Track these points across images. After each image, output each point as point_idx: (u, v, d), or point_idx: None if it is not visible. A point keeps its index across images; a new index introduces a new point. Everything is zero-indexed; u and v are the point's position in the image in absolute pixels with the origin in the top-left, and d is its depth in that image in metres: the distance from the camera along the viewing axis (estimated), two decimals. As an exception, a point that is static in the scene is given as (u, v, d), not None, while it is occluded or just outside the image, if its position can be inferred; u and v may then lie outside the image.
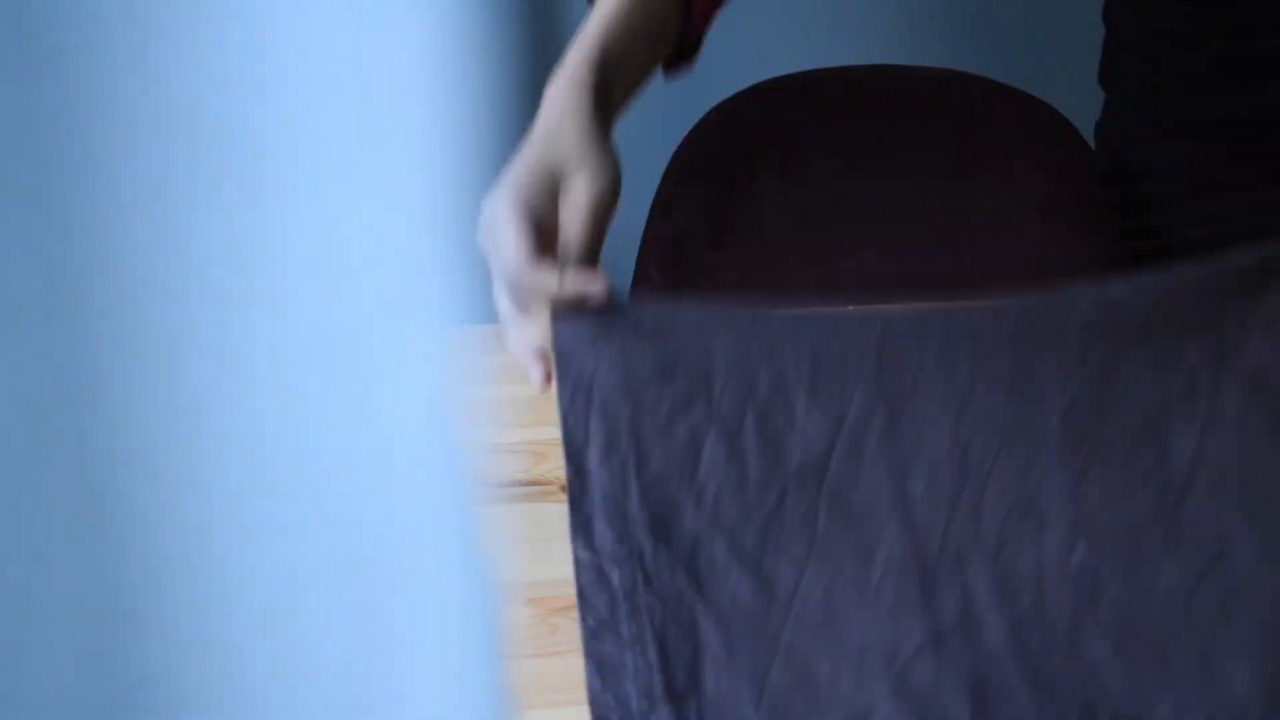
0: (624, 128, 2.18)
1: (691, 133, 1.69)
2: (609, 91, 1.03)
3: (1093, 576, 0.82)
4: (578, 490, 0.87)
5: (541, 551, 1.02)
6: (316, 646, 0.37)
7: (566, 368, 0.89)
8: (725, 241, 1.64)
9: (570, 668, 0.92)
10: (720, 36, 2.23)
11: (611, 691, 0.85)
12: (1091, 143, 1.69)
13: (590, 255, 0.93)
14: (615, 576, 0.86)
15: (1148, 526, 0.82)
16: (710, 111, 1.70)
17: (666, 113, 2.13)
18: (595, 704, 0.85)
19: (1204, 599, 0.80)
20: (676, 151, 1.68)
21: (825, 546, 0.84)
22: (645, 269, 1.62)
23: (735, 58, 2.16)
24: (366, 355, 0.35)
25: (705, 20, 1.14)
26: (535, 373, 0.93)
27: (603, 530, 0.87)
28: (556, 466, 1.10)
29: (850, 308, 1.02)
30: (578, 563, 0.87)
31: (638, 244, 1.64)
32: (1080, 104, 1.85)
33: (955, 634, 0.82)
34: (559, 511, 1.06)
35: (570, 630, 0.95)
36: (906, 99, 1.75)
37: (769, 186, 1.68)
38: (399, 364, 0.36)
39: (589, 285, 0.87)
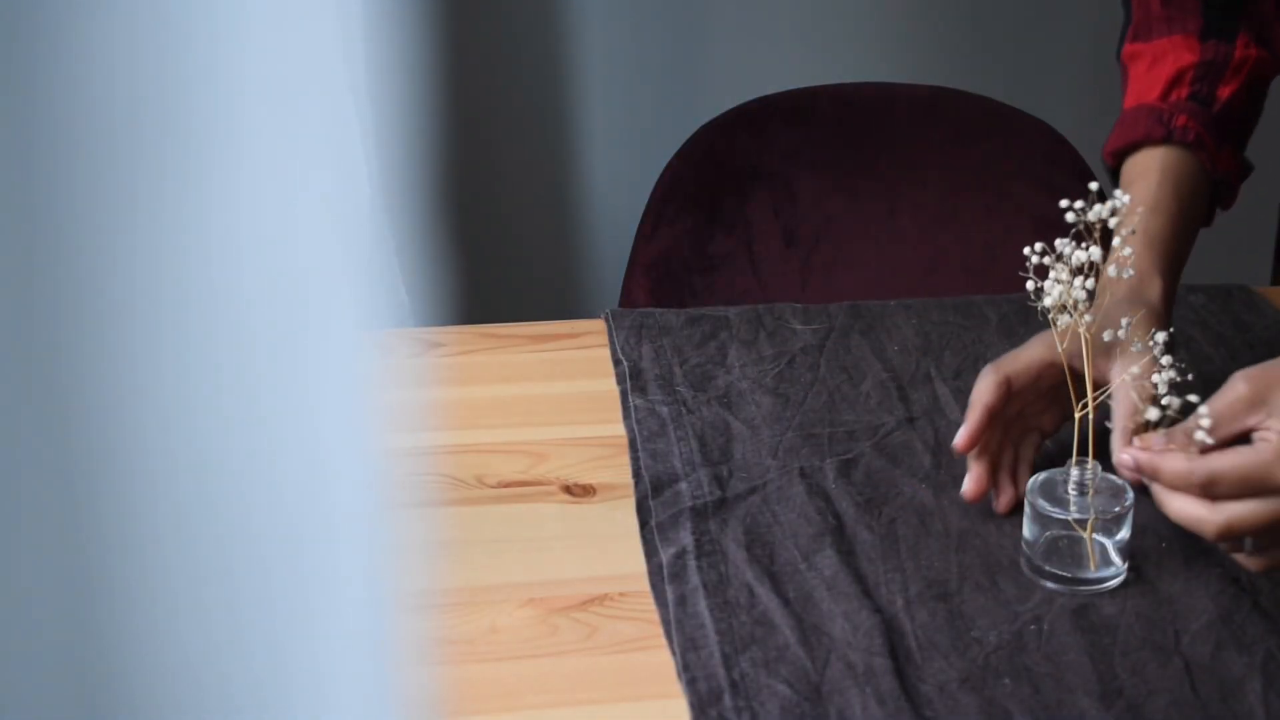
0: (610, 147, 2.20)
1: (679, 153, 1.67)
2: (1172, 274, 1.12)
3: None
4: (634, 375, 1.20)
5: (541, 551, 1.02)
6: (232, 653, 0.36)
7: (619, 320, 1.28)
8: (714, 265, 1.62)
9: (570, 668, 0.92)
10: (708, 54, 2.23)
11: (661, 464, 1.10)
12: (1090, 161, 1.68)
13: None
14: (664, 411, 1.16)
15: None
16: (698, 131, 1.68)
17: (654, 132, 2.14)
18: (648, 471, 1.09)
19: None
20: (664, 172, 1.66)
21: (825, 379, 1.21)
22: (631, 292, 1.60)
23: (723, 75, 2.16)
24: (291, 358, 0.35)
25: (1225, 165, 1.17)
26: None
27: (654, 390, 1.19)
28: (557, 466, 1.10)
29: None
30: (635, 409, 1.16)
31: (624, 266, 1.62)
32: (1076, 122, 1.85)
33: (922, 418, 1.16)
34: (559, 511, 1.06)
35: (570, 630, 0.94)
36: (900, 117, 1.74)
37: (758, 207, 1.66)
38: (324, 368, 0.35)
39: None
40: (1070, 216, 0.95)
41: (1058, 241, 0.95)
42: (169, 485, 0.34)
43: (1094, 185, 0.98)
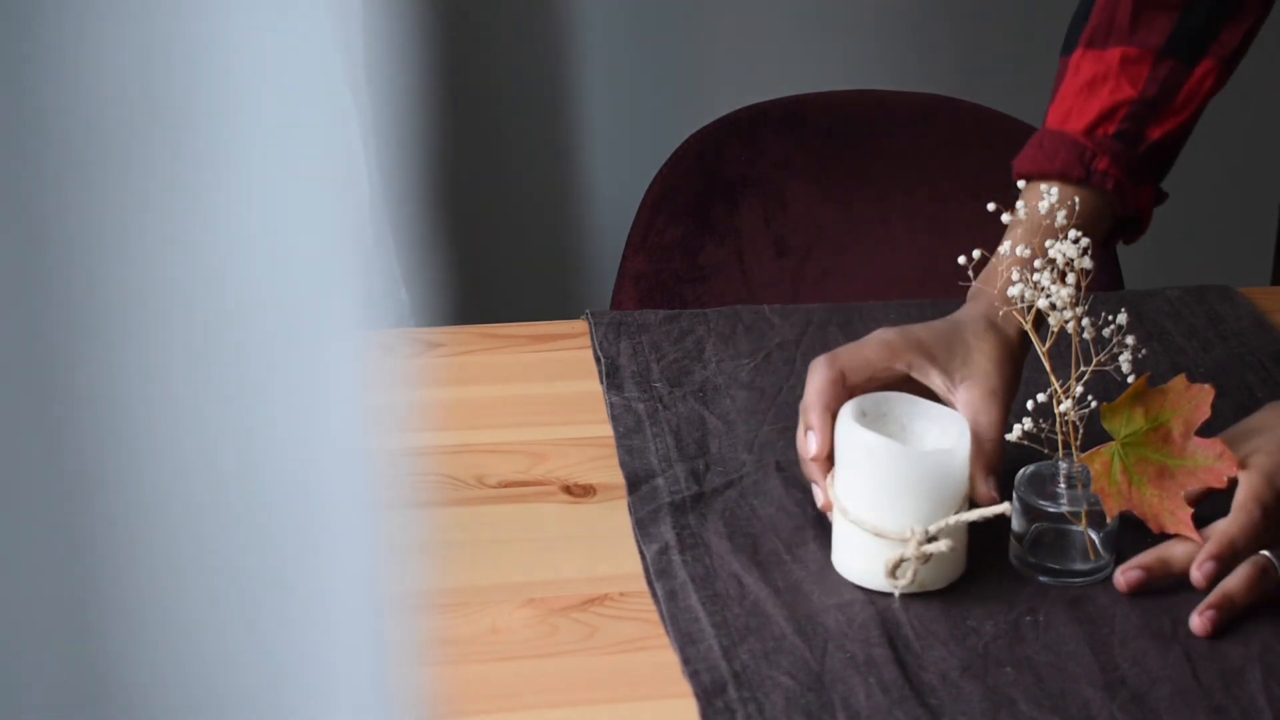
0: (599, 157, 2.19)
1: (669, 161, 1.66)
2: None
3: None
4: (612, 373, 1.21)
5: (541, 552, 1.02)
6: (230, 653, 0.36)
7: (599, 319, 1.27)
8: (704, 275, 1.61)
9: (570, 668, 0.92)
10: (699, 61, 2.23)
11: (638, 460, 1.10)
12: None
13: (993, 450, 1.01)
14: (640, 408, 1.17)
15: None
16: (688, 139, 1.67)
17: (643, 140, 2.13)
18: (625, 468, 1.09)
19: None
20: (653, 181, 1.65)
21: (801, 373, 1.14)
22: (623, 305, 1.58)
23: (713, 83, 2.16)
24: (291, 358, 0.35)
25: (1138, 204, 1.12)
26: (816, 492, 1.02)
27: (630, 387, 1.19)
28: (556, 466, 1.10)
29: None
30: (611, 405, 1.17)
31: (613, 276, 1.61)
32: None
33: None
34: (559, 511, 1.06)
35: (570, 630, 0.94)
36: (891, 124, 1.73)
37: (749, 216, 1.65)
38: (323, 367, 0.35)
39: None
40: (1006, 219, 0.98)
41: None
42: (168, 486, 0.34)
43: (1021, 183, 1.00)
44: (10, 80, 0.30)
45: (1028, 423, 0.96)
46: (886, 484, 0.94)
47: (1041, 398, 0.98)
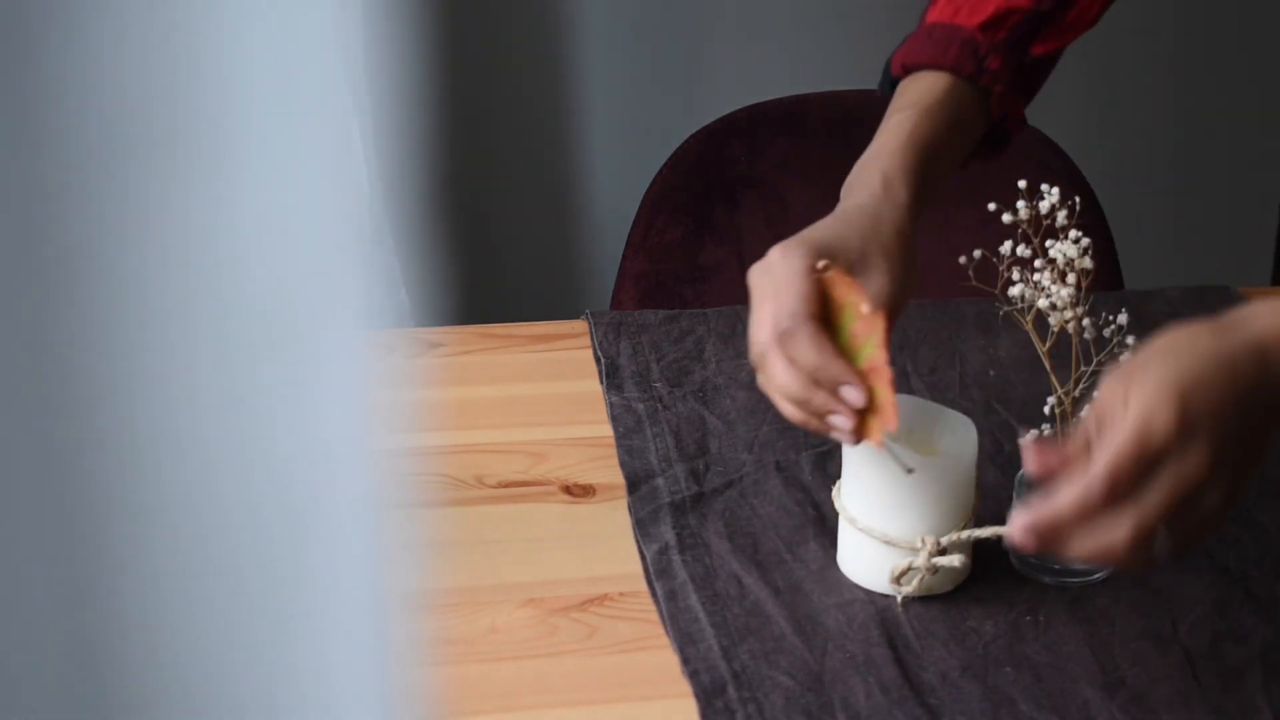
0: (600, 156, 2.19)
1: (669, 161, 1.65)
2: (924, 187, 1.03)
3: (1004, 380, 1.20)
4: (612, 373, 1.20)
5: (541, 552, 1.02)
6: (229, 654, 0.36)
7: (599, 319, 1.27)
8: (704, 275, 1.61)
9: (570, 668, 0.92)
10: (699, 61, 2.23)
11: (638, 460, 1.10)
12: (1085, 170, 1.67)
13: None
14: (640, 408, 1.17)
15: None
16: (689, 139, 1.67)
17: (643, 140, 2.13)
18: (625, 468, 1.10)
19: None
20: (654, 181, 1.65)
21: None
22: (623, 305, 1.58)
23: (714, 82, 2.16)
24: (291, 358, 0.35)
25: (1012, 115, 1.09)
26: (789, 411, 0.94)
27: (630, 387, 1.19)
28: (556, 466, 1.10)
29: None
30: (611, 405, 1.16)
31: (614, 276, 1.61)
32: (1070, 130, 1.85)
33: None
34: (559, 511, 1.06)
35: (570, 630, 0.94)
36: (892, 124, 1.73)
37: (750, 217, 1.65)
38: (324, 367, 0.35)
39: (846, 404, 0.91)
40: (1006, 218, 0.98)
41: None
42: (167, 485, 0.34)
43: (1022, 183, 0.99)
44: (15, 80, 0.30)
45: (1046, 429, 0.97)
46: (893, 489, 0.94)
47: (1046, 408, 0.99)
